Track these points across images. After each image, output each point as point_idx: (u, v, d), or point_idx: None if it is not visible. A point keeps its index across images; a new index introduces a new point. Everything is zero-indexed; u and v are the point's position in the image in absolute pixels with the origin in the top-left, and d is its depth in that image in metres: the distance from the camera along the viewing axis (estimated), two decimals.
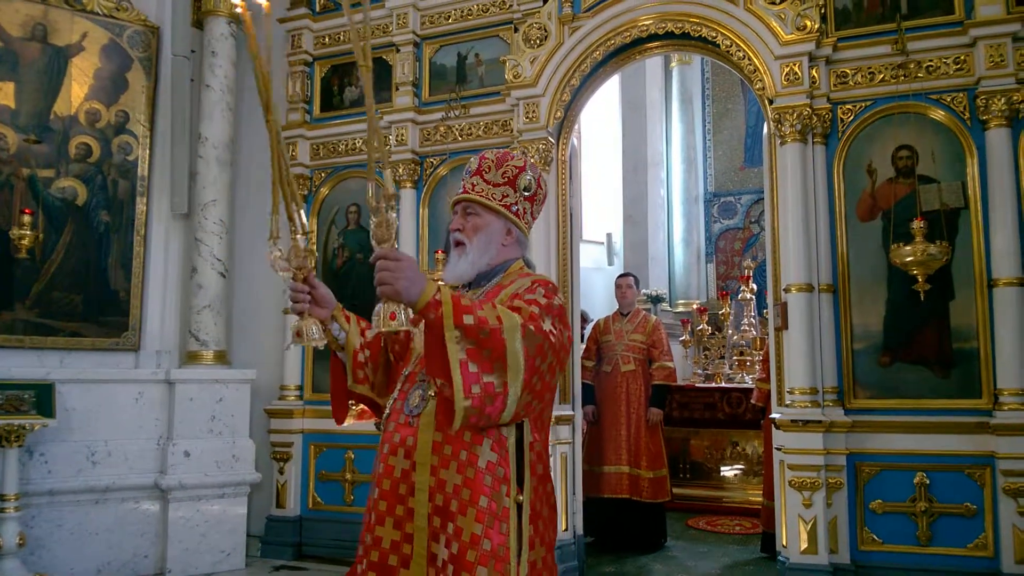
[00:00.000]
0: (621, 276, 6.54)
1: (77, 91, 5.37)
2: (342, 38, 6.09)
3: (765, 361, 6.27)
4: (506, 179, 2.17)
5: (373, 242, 1.79)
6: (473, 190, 2.18)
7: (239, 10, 1.93)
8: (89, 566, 4.98)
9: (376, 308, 1.76)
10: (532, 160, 2.33)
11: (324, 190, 6.05)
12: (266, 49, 1.94)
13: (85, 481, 5.00)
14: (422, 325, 2.08)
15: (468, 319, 1.78)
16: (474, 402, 1.79)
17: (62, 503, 4.93)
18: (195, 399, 5.35)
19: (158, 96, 5.66)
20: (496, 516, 1.91)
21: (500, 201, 2.16)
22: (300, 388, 5.91)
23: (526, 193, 2.19)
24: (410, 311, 1.78)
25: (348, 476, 5.67)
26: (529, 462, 1.99)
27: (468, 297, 1.89)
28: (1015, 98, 4.28)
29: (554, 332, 1.91)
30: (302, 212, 1.95)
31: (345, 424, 2.31)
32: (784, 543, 4.47)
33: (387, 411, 2.11)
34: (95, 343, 5.30)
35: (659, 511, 6.00)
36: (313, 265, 2.03)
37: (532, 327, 1.85)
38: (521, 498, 1.95)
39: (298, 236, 1.94)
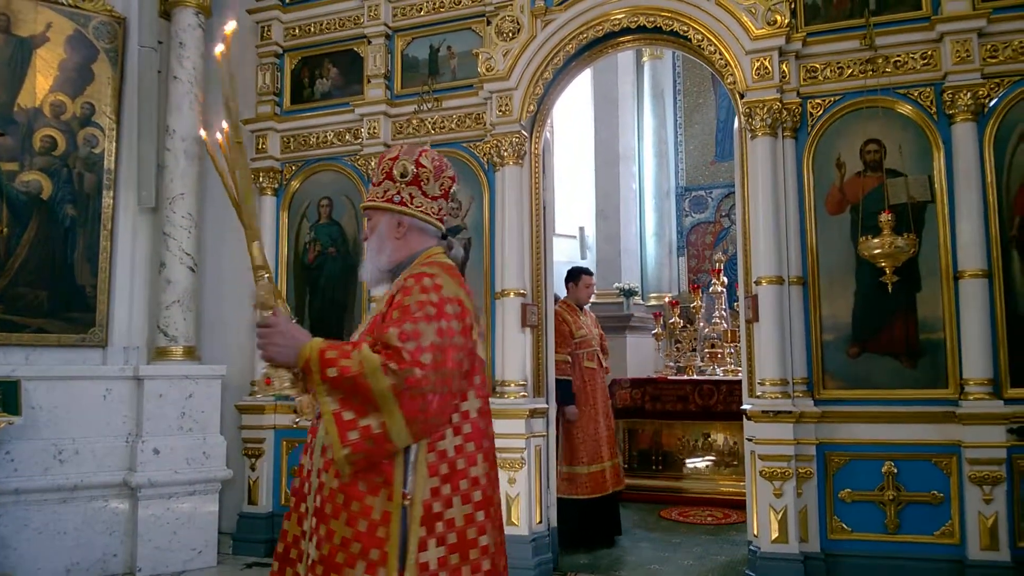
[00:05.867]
0: (589, 273, 6.32)
1: (42, 83, 5.26)
2: (312, 29, 6.03)
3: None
4: (385, 174, 2.20)
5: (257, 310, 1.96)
6: (366, 198, 2.28)
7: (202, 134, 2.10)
8: (57, 565, 4.90)
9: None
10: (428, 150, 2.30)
11: (295, 183, 5.99)
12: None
13: (52, 480, 4.92)
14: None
15: (331, 371, 1.87)
16: (354, 448, 1.86)
17: (28, 502, 4.85)
18: (164, 395, 5.27)
19: (125, 88, 5.56)
20: (371, 520, 1.91)
21: (383, 198, 2.20)
22: None
23: (404, 179, 2.18)
24: (287, 375, 1.92)
25: None
26: (427, 463, 1.94)
27: (341, 348, 1.91)
28: (980, 92, 4.36)
29: (421, 356, 1.86)
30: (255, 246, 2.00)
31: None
32: (755, 533, 4.52)
33: (317, 408, 2.09)
34: (61, 339, 5.20)
35: (616, 500, 6.02)
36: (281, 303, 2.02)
37: (393, 365, 1.83)
38: (407, 501, 1.91)
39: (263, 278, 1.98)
